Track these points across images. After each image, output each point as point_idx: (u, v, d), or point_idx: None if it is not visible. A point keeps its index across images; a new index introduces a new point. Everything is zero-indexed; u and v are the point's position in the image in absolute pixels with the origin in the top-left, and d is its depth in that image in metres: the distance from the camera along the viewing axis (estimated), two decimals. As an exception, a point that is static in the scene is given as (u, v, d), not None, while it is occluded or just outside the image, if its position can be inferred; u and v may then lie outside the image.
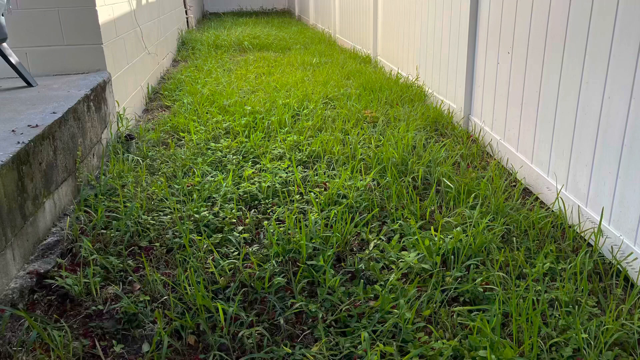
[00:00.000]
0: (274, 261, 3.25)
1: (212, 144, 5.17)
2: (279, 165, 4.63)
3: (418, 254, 3.25)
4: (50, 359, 2.54)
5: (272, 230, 3.55)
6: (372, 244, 3.43)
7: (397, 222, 3.67)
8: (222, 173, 4.53)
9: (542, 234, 3.53)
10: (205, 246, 3.44)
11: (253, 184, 4.28)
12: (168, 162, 4.79)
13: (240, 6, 23.68)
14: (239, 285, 3.08)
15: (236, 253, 3.39)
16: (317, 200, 3.97)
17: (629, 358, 2.52)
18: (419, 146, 4.86)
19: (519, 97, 4.41)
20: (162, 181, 4.31)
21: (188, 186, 4.26)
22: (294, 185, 4.26)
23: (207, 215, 3.76)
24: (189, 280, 3.10)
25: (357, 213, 3.82)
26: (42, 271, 3.09)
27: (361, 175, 4.41)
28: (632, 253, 3.09)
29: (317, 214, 3.78)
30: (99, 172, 4.55)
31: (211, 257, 3.34)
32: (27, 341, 2.60)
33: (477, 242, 3.30)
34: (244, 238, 3.58)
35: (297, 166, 4.64)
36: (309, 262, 3.21)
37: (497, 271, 3.08)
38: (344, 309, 2.86)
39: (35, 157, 3.33)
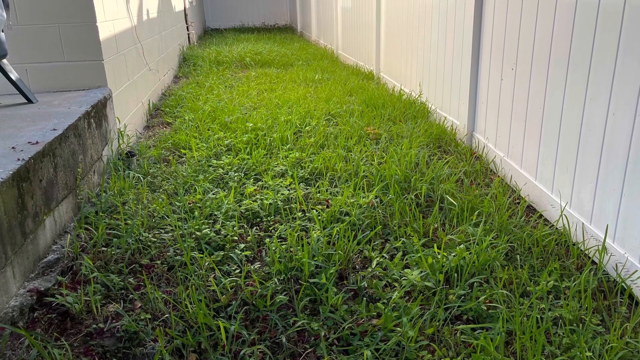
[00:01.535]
0: (275, 279, 3.23)
1: (214, 161, 5.16)
2: (281, 182, 4.61)
3: (421, 271, 3.22)
4: (50, 379, 2.52)
5: (274, 248, 3.53)
6: (374, 262, 3.41)
7: (400, 240, 3.65)
8: (224, 190, 4.52)
9: (546, 252, 3.51)
10: (206, 264, 3.42)
11: (255, 201, 4.27)
12: (169, 179, 4.78)
13: (241, 22, 23.76)
14: (241, 303, 3.06)
15: (238, 271, 3.37)
16: (319, 217, 3.95)
17: (635, 378, 2.50)
18: (422, 163, 4.85)
19: (522, 113, 4.40)
20: (163, 198, 4.29)
21: (189, 203, 4.25)
22: (296, 203, 4.24)
23: (209, 232, 3.74)
24: (190, 298, 3.08)
25: (360, 230, 3.81)
26: (42, 289, 3.07)
27: (364, 192, 4.39)
28: (636, 271, 3.07)
29: (319, 231, 3.76)
30: (100, 189, 4.54)
31: (213, 275, 3.32)
32: (26, 360, 2.58)
33: (480, 260, 3.28)
34: (246, 256, 3.56)
35: (299, 183, 4.62)
36: (311, 280, 3.19)
37: (501, 289, 3.07)
38: (346, 327, 2.84)
39: (35, 174, 3.32)
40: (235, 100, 7.78)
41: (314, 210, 4.03)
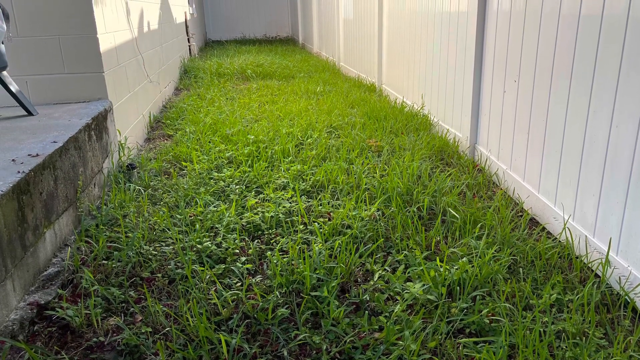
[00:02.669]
0: (277, 292, 3.22)
1: (215, 174, 5.15)
2: (283, 195, 4.60)
3: (423, 284, 3.21)
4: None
5: (275, 261, 3.51)
6: (376, 275, 3.39)
7: (402, 253, 3.64)
8: (225, 203, 4.50)
9: (549, 265, 3.50)
10: (207, 277, 3.40)
11: (256, 214, 4.25)
12: (170, 191, 4.77)
13: (243, 34, 23.82)
14: (242, 317, 3.05)
15: (239, 284, 3.36)
16: (321, 230, 3.94)
17: (640, 392, 2.48)
18: (424, 176, 4.83)
19: (525, 125, 4.39)
20: (164, 211, 4.28)
21: (190, 216, 4.24)
22: (297, 216, 4.23)
23: (210, 245, 3.73)
24: (191, 312, 3.06)
25: (362, 243, 3.79)
26: (42, 302, 3.06)
27: (366, 205, 4.38)
28: (640, 284, 3.05)
29: (321, 244, 3.75)
30: (100, 202, 4.52)
31: (214, 288, 3.30)
32: (25, 375, 2.57)
33: (483, 273, 3.27)
34: (247, 269, 3.54)
35: (300, 196, 4.61)
36: (313, 293, 3.18)
37: (504, 302, 3.05)
38: (348, 340, 2.82)
39: (35, 186, 3.31)
40: (236, 113, 7.77)
41: (316, 223, 4.02)
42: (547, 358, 2.62)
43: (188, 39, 14.51)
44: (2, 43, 4.47)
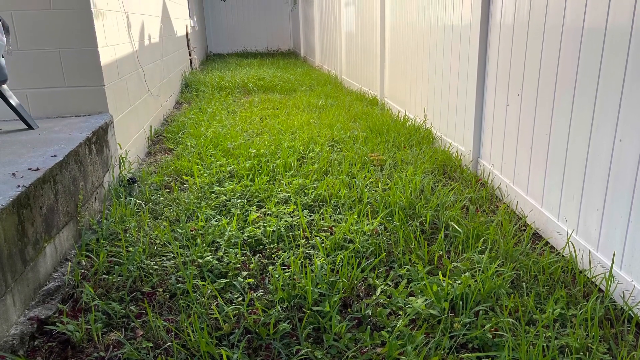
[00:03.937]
0: (279, 307, 3.20)
1: (216, 188, 5.13)
2: (284, 209, 4.59)
3: (426, 299, 3.19)
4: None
5: (277, 276, 3.50)
6: (379, 290, 3.37)
7: (405, 267, 3.62)
8: (226, 217, 4.49)
9: (553, 279, 3.48)
10: (209, 292, 3.39)
11: (258, 228, 4.24)
12: (171, 206, 4.76)
13: (244, 47, 23.88)
14: (244, 332, 3.03)
15: (240, 299, 3.34)
16: (323, 244, 3.92)
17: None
18: (426, 190, 4.82)
19: (528, 139, 4.38)
20: (165, 225, 4.27)
21: (191, 230, 4.23)
22: (299, 230, 4.22)
23: (211, 260, 3.71)
24: (192, 326, 3.05)
25: (364, 258, 3.78)
26: (42, 317, 3.04)
27: (368, 219, 4.37)
28: (645, 299, 3.04)
29: (323, 258, 3.73)
30: (101, 216, 4.51)
31: (215, 303, 3.29)
32: (25, 391, 2.55)
33: (486, 288, 3.25)
34: (249, 283, 3.53)
35: (302, 210, 4.60)
36: (315, 308, 3.16)
37: (507, 317, 3.03)
38: (350, 355, 2.81)
39: (36, 200, 3.30)
40: (238, 126, 7.77)
41: (318, 238, 4.01)
42: (551, 374, 2.61)
43: (189, 52, 14.53)
44: (2, 56, 4.47)
